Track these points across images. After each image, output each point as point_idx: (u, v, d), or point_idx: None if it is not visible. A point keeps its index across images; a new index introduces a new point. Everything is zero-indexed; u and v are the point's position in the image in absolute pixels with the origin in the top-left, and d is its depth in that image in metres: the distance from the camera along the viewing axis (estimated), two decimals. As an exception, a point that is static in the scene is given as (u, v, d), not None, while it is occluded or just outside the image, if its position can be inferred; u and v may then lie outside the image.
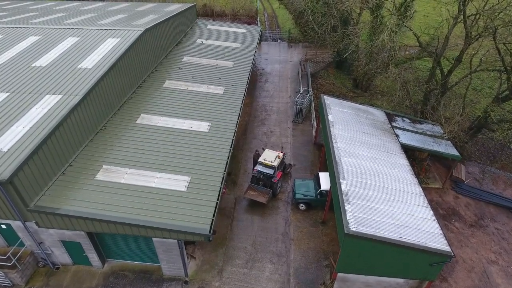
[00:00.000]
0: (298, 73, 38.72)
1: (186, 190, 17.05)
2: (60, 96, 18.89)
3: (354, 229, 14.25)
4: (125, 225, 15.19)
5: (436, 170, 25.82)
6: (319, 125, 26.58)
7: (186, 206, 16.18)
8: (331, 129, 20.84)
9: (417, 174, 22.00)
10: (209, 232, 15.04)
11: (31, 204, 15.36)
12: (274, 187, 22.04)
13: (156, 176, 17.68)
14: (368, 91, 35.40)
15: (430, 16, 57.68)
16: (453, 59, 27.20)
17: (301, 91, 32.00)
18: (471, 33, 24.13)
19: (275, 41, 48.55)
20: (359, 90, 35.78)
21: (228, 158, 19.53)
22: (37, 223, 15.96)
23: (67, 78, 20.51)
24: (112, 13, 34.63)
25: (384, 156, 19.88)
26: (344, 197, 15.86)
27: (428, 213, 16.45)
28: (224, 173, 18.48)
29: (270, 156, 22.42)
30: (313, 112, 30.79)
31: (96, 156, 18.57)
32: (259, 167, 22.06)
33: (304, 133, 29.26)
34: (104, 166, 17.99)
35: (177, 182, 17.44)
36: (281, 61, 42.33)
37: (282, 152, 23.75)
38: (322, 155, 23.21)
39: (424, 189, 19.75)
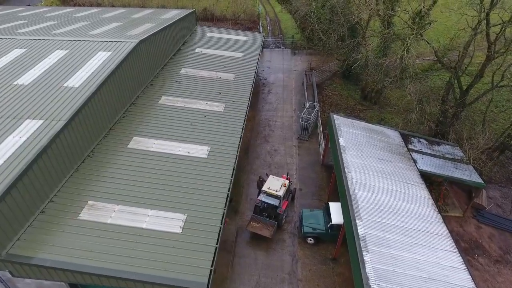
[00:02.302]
0: (303, 84, 36.69)
1: (181, 232, 15.06)
2: (41, 121, 16.91)
3: (375, 287, 12.24)
4: (110, 277, 13.21)
5: (454, 194, 23.78)
6: (327, 145, 24.53)
7: (180, 252, 14.19)
8: (343, 155, 18.82)
9: (435, 201, 19.98)
10: (207, 287, 13.06)
11: (2, 252, 13.40)
12: (280, 219, 20.05)
13: (147, 214, 15.69)
14: (377, 104, 33.32)
15: (439, 21, 55.62)
16: (466, 68, 25.09)
17: (307, 105, 29.95)
18: (494, 46, 22.11)
19: (278, 47, 46.50)
20: (368, 103, 33.70)
21: (229, 190, 17.54)
22: (10, 273, 13.98)
23: (51, 99, 18.52)
24: (106, 21, 32.66)
25: (402, 187, 17.86)
26: (361, 243, 13.85)
27: (457, 260, 14.44)
28: (224, 209, 16.48)
29: (275, 185, 20.35)
30: (320, 128, 28.76)
31: (81, 189, 16.58)
32: (262, 197, 20.05)
33: (310, 152, 27.23)
34: (89, 202, 16.01)
35: (171, 222, 15.45)
36: (284, 70, 40.29)
37: (287, 178, 21.79)
38: (332, 181, 21.20)
39: (443, 217, 17.83)
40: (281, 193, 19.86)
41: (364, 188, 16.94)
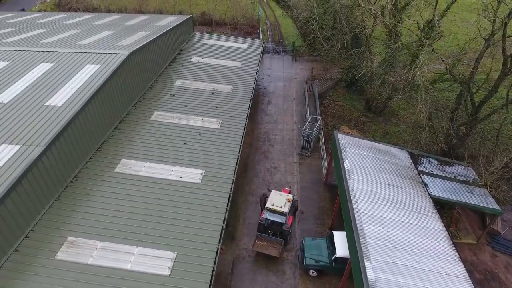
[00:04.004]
0: (304, 93, 35.15)
1: (169, 273, 13.54)
2: (18, 147, 15.40)
3: None
4: (87, 332, 11.72)
5: (466, 218, 22.19)
6: (330, 162, 22.94)
7: (168, 300, 12.69)
8: (349, 181, 17.27)
9: (446, 226, 18.44)
10: None
11: (-34, 302, 11.91)
12: (286, 235, 18.92)
13: (133, 253, 14.17)
14: (382, 115, 31.78)
15: (444, 26, 54.03)
16: (482, 84, 23.52)
17: (309, 119, 28.40)
18: (511, 60, 20.57)
19: (278, 54, 44.94)
20: (372, 114, 32.16)
21: (223, 222, 16.01)
22: (-23, 323, 12.51)
23: (30, 120, 17.00)
24: (98, 28, 31.12)
25: (414, 218, 16.31)
26: (371, 291, 12.31)
27: (478, 307, 12.86)
28: (218, 245, 14.95)
29: (279, 201, 19.21)
30: (323, 142, 27.19)
31: (61, 222, 15.07)
32: (267, 215, 18.93)
33: (312, 169, 25.67)
34: (69, 238, 14.50)
35: (159, 262, 13.92)
36: (285, 78, 38.74)
37: (289, 191, 20.91)
38: (337, 206, 19.64)
39: (456, 245, 16.35)
40: (286, 209, 18.83)
41: (372, 220, 15.39)
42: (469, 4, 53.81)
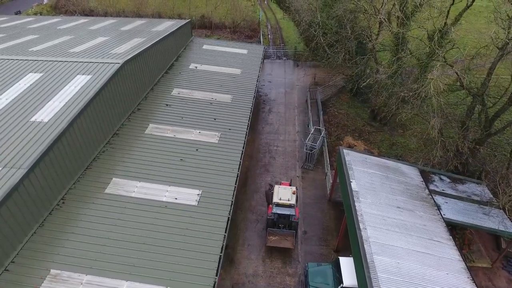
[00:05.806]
0: (306, 101, 33.90)
1: (161, 313, 12.32)
2: (-2, 169, 14.19)
3: None
4: None
5: (479, 238, 20.94)
6: (335, 178, 21.68)
7: None
8: (357, 205, 16.02)
9: (459, 248, 17.20)
10: None
11: None
12: (295, 226, 19.36)
13: (121, 288, 12.95)
14: (388, 125, 30.54)
15: (454, 32, 52.45)
16: (499, 99, 22.31)
17: (312, 130, 27.15)
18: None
19: (280, 58, 43.74)
20: (377, 123, 30.93)
21: (221, 252, 14.77)
22: None
23: (13, 138, 15.78)
24: (92, 34, 29.86)
25: (427, 247, 15.05)
26: (385, 337, 11.07)
27: None
28: (215, 278, 13.71)
29: (285, 194, 19.41)
30: (327, 155, 25.93)
31: (44, 253, 13.85)
32: (276, 209, 18.97)
33: (315, 184, 24.42)
34: (52, 271, 13.27)
35: (150, 299, 12.70)
36: (286, 84, 37.49)
37: (290, 183, 21.01)
38: (343, 227, 18.37)
39: (470, 270, 15.11)
40: (293, 201, 19.12)
41: (383, 251, 14.15)
42: (475, 8, 52.58)
